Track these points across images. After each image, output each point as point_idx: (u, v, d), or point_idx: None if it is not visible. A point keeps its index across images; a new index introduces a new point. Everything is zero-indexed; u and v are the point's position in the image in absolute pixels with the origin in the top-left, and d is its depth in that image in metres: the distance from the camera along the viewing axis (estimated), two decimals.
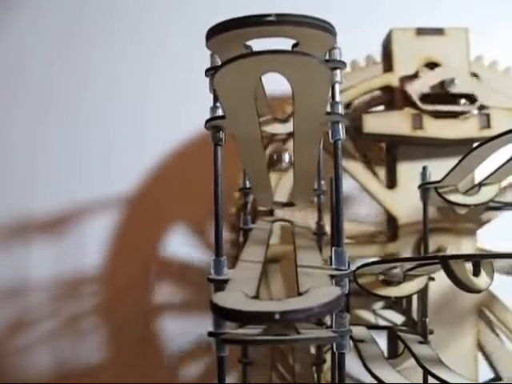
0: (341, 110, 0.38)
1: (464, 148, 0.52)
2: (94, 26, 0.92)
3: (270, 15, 0.31)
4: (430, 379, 0.48)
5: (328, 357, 0.61)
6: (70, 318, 0.90)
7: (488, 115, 0.65)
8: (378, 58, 0.72)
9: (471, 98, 0.65)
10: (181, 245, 0.91)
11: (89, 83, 0.92)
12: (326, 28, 0.33)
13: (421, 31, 0.69)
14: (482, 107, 0.66)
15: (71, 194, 0.90)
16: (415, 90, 0.65)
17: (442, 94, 0.65)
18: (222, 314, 0.31)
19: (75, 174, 0.91)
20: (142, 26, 0.92)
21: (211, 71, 0.37)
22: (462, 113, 0.65)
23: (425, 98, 0.65)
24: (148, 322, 0.90)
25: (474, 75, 0.67)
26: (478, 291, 0.44)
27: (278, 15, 0.31)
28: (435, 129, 0.65)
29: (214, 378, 0.39)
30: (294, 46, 0.35)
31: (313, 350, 0.64)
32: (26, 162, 0.91)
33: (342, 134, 0.39)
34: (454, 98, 0.65)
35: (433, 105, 0.65)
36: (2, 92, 0.92)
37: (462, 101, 0.65)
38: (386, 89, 0.70)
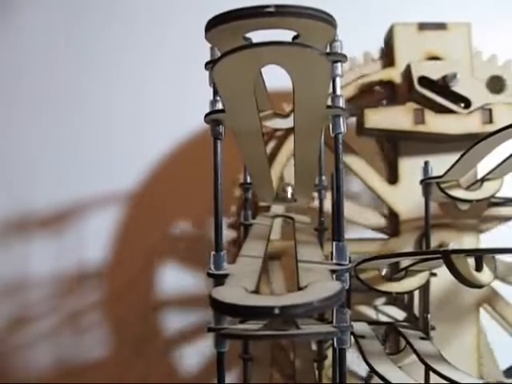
0: (342, 103, 0.38)
1: (466, 143, 0.51)
2: (93, 25, 0.92)
3: (269, 6, 0.31)
4: (432, 375, 0.48)
5: (329, 353, 0.61)
6: (71, 314, 0.90)
7: (490, 110, 0.65)
8: (377, 54, 0.71)
9: (467, 101, 0.65)
10: (182, 241, 0.90)
11: (89, 81, 0.92)
12: (327, 19, 0.32)
13: (423, 26, 0.68)
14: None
15: (72, 190, 0.90)
16: (418, 70, 0.65)
17: (441, 87, 0.65)
18: (221, 309, 0.31)
19: (76, 170, 0.91)
20: (141, 24, 0.92)
21: (211, 64, 0.37)
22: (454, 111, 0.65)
23: (425, 84, 0.65)
24: (149, 319, 0.90)
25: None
26: (480, 286, 0.44)
27: (277, 6, 0.31)
28: (437, 124, 0.65)
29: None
30: (295, 38, 0.35)
31: (314, 346, 0.63)
32: (27, 159, 0.91)
33: (342, 127, 0.38)
34: (451, 94, 0.65)
35: (429, 91, 0.64)
36: (4, 90, 0.92)
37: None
38: (388, 84, 0.69)
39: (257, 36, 0.34)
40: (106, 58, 0.92)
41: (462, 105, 0.65)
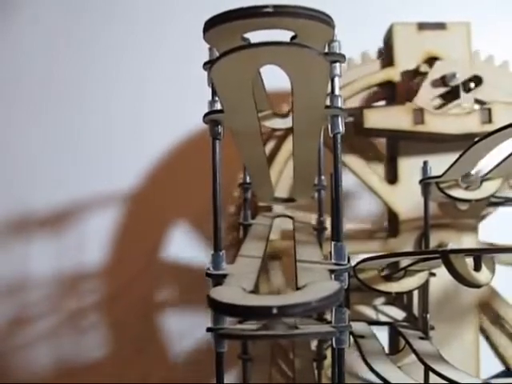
0: (340, 103, 0.38)
1: (465, 143, 0.51)
2: (93, 25, 0.92)
3: (267, 6, 0.31)
4: (431, 375, 0.48)
5: (329, 353, 0.61)
6: (71, 314, 0.90)
7: (489, 110, 0.64)
8: (375, 54, 0.72)
9: (477, 81, 0.65)
10: (182, 241, 0.90)
11: (89, 81, 0.92)
12: (325, 20, 0.32)
13: (422, 26, 0.68)
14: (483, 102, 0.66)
15: (72, 190, 0.90)
16: (426, 102, 0.65)
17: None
18: (219, 309, 0.31)
19: (76, 170, 0.91)
20: (141, 24, 0.92)
21: (209, 64, 0.37)
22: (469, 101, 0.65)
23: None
24: (149, 318, 0.90)
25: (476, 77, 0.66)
26: (479, 286, 0.44)
27: (275, 6, 0.31)
28: (436, 124, 0.65)
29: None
30: (293, 38, 0.35)
31: (313, 346, 0.63)
32: (27, 159, 0.91)
33: (341, 127, 0.38)
34: (457, 88, 0.65)
35: (444, 106, 0.65)
36: (4, 90, 0.92)
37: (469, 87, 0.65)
38: (387, 84, 0.69)
39: (255, 36, 0.34)
40: (106, 58, 0.92)
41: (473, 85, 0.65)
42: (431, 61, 0.66)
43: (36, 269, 0.89)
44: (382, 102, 0.72)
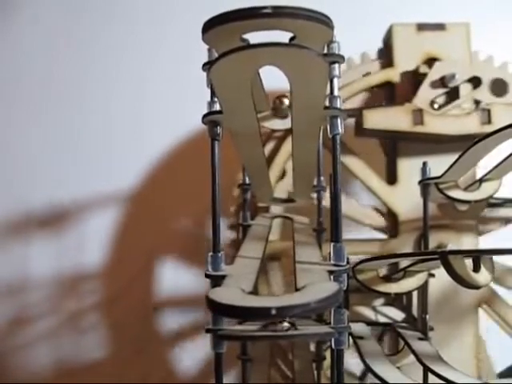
0: (339, 104, 0.38)
1: (464, 144, 0.51)
2: (93, 25, 0.92)
3: (266, 7, 0.31)
4: (430, 376, 0.48)
5: (328, 354, 0.61)
6: (71, 314, 0.90)
7: (489, 111, 0.64)
8: (375, 55, 0.72)
9: (476, 81, 0.65)
10: (181, 242, 0.90)
11: (89, 81, 0.92)
12: (323, 21, 0.32)
13: (421, 26, 0.68)
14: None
15: (72, 190, 0.90)
16: (422, 100, 0.65)
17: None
18: (217, 310, 0.31)
19: (76, 170, 0.91)
20: (141, 24, 0.92)
21: (208, 65, 0.37)
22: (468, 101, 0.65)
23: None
24: (148, 319, 0.90)
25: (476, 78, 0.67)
26: (478, 287, 0.44)
27: (274, 7, 0.31)
28: (435, 124, 0.65)
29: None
30: (292, 39, 0.35)
31: (313, 347, 0.63)
32: (27, 159, 0.91)
33: (340, 128, 0.38)
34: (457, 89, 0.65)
35: (443, 107, 0.65)
36: (4, 90, 0.92)
37: (467, 87, 0.65)
38: (387, 84, 0.69)
39: (254, 37, 0.34)
40: (106, 58, 0.92)
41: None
42: (431, 62, 0.67)
43: (36, 269, 0.89)
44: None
